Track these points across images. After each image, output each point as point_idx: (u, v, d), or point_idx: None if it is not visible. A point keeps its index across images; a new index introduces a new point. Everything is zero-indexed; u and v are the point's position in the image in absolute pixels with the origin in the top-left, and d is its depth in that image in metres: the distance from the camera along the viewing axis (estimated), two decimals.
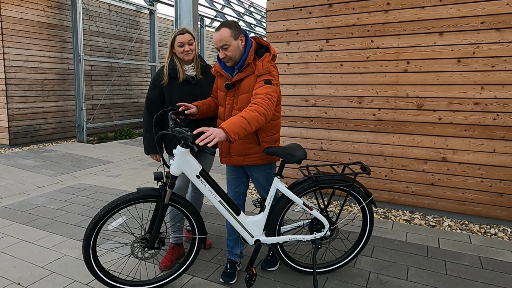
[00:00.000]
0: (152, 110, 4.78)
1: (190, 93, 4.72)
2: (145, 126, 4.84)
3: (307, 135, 7.53)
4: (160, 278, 4.33)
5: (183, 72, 4.68)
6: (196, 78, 4.76)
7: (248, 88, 4.07)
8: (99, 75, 15.87)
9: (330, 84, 7.18)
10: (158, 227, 4.05)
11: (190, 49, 4.65)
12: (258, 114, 3.69)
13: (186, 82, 4.71)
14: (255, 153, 4.25)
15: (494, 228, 6.17)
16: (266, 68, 4.02)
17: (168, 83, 4.69)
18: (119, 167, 10.43)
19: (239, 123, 3.58)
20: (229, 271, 4.61)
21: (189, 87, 4.73)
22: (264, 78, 3.99)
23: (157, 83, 4.74)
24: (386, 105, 6.73)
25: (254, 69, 4.04)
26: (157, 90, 4.74)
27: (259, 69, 4.02)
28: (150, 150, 4.87)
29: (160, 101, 4.77)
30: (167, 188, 3.98)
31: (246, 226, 4.24)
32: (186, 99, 4.67)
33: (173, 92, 4.70)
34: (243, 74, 4.08)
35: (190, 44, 4.66)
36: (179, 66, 4.68)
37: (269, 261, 4.92)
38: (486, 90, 6.02)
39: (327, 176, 4.29)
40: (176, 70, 4.68)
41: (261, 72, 4.00)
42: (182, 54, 4.66)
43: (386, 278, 4.65)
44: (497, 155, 6.09)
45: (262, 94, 3.84)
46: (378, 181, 7.05)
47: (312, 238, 4.46)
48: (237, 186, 4.57)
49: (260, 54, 4.15)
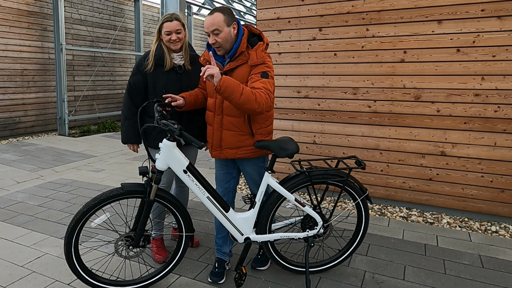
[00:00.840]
0: (133, 97, 4.74)
1: (175, 83, 4.66)
2: (124, 113, 4.79)
3: (299, 128, 7.51)
4: (146, 278, 4.31)
5: (170, 59, 4.62)
6: (183, 67, 4.70)
7: (241, 78, 4.04)
8: (81, 65, 15.78)
9: (324, 74, 7.16)
10: (143, 224, 4.02)
11: (177, 38, 4.59)
12: (254, 99, 3.71)
13: (172, 71, 4.66)
14: (248, 146, 4.22)
15: (495, 225, 6.17)
16: (260, 58, 4.02)
17: (153, 70, 4.63)
18: (103, 161, 10.39)
19: (235, 85, 3.65)
20: (218, 271, 4.60)
21: (175, 76, 4.67)
22: (260, 71, 3.99)
23: (141, 69, 4.68)
24: (382, 97, 6.72)
25: (248, 58, 4.02)
26: (140, 76, 4.68)
27: (253, 59, 4.01)
28: (128, 139, 4.83)
29: (143, 88, 4.71)
30: (152, 184, 3.95)
31: (236, 224, 4.23)
32: (171, 89, 4.62)
33: (157, 80, 4.64)
34: (236, 63, 4.05)
35: (178, 33, 4.59)
36: (166, 53, 4.62)
37: (260, 260, 4.90)
38: (486, 81, 6.01)
39: (320, 171, 4.27)
40: (163, 57, 4.62)
41: (256, 62, 4.00)
42: (168, 43, 4.60)
43: (382, 277, 4.64)
44: (498, 149, 6.08)
45: (260, 89, 3.83)
46: (373, 176, 7.04)
47: (305, 236, 4.45)
48: (226, 182, 4.54)
49: (253, 43, 4.13)
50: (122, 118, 4.82)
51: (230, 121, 4.15)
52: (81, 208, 3.85)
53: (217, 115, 4.20)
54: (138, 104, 4.71)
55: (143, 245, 4.11)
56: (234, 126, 4.15)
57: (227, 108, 4.13)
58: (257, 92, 3.75)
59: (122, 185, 3.93)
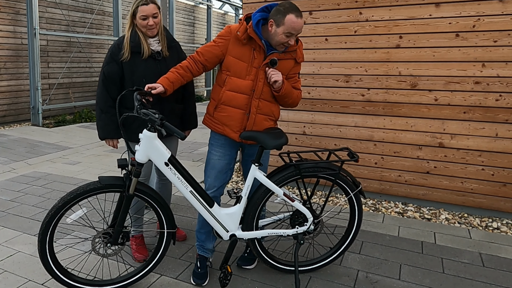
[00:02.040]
0: (109, 88, 4.66)
1: (154, 71, 4.61)
2: (100, 105, 4.71)
3: (288, 117, 7.50)
4: (125, 277, 4.30)
5: (147, 46, 4.58)
6: (162, 53, 4.67)
7: (285, 70, 4.29)
8: (56, 51, 15.65)
9: (314, 61, 7.15)
10: (122, 220, 4.01)
11: (154, 23, 4.55)
12: (297, 101, 4.47)
13: (150, 58, 4.62)
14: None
15: (496, 221, 6.19)
16: (302, 57, 4.43)
17: (130, 58, 4.58)
18: (79, 153, 10.35)
19: (291, 89, 4.31)
20: (201, 271, 4.56)
21: (153, 63, 4.63)
22: (299, 70, 4.48)
23: (116, 58, 4.60)
24: (376, 85, 6.71)
25: (296, 55, 4.31)
26: (115, 65, 4.60)
27: (300, 57, 4.36)
28: (106, 134, 4.77)
29: (119, 78, 4.64)
30: (132, 177, 3.93)
31: (220, 220, 4.23)
32: (150, 77, 4.56)
33: (135, 69, 4.59)
34: (284, 56, 4.24)
35: (155, 17, 4.56)
36: (143, 39, 4.58)
37: (246, 258, 4.90)
38: (487, 68, 6.00)
39: (310, 164, 4.27)
40: (139, 44, 4.57)
41: (302, 60, 4.42)
42: (145, 29, 4.56)
43: (376, 277, 4.64)
44: (499, 140, 6.08)
45: (300, 90, 4.51)
46: (367, 169, 7.04)
47: (294, 233, 4.45)
48: (225, 173, 4.51)
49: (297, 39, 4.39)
50: (98, 112, 4.75)
51: (267, 105, 4.30)
52: (56, 203, 3.82)
53: (255, 99, 4.21)
54: (114, 95, 4.64)
55: (122, 243, 4.10)
56: (269, 110, 4.34)
57: (266, 92, 4.25)
58: (299, 94, 4.47)
59: (99, 179, 3.91)
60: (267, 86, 4.19)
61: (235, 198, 4.37)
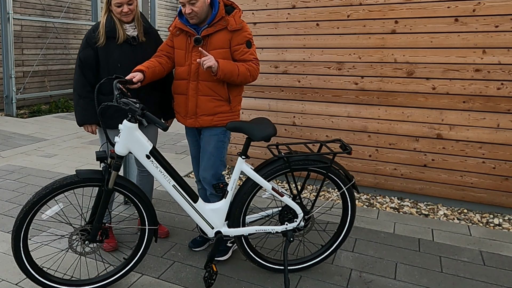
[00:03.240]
0: (86, 73, 4.78)
1: (130, 56, 4.76)
2: (77, 91, 4.84)
3: (277, 107, 7.49)
4: (104, 277, 4.30)
5: (123, 32, 4.72)
6: (137, 39, 4.81)
7: (221, 43, 4.38)
8: (31, 36, 15.57)
9: (304, 47, 7.13)
10: (100, 216, 4.02)
11: (129, 10, 4.67)
12: (249, 75, 4.41)
13: (126, 43, 4.77)
14: (225, 113, 4.51)
15: (498, 217, 6.20)
16: (239, 24, 4.46)
17: (105, 44, 4.72)
18: (55, 145, 10.31)
19: (231, 68, 4.27)
20: (199, 239, 4.98)
21: (129, 49, 4.77)
22: (244, 40, 4.47)
23: (92, 43, 4.74)
24: (371, 72, 6.69)
25: (227, 24, 4.39)
26: (91, 50, 4.75)
27: (232, 24, 4.41)
28: (84, 119, 4.87)
29: (95, 63, 4.78)
30: (111, 170, 3.93)
31: (205, 216, 4.24)
32: (125, 62, 4.71)
33: (110, 54, 4.73)
34: (214, 28, 4.37)
35: (130, 4, 4.68)
36: (118, 24, 4.71)
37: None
38: (488, 55, 5.99)
39: (300, 156, 4.28)
40: (115, 29, 4.70)
41: (235, 27, 4.41)
42: (120, 15, 4.68)
43: (371, 276, 4.65)
44: (501, 131, 6.08)
45: (251, 61, 4.47)
46: (361, 162, 7.04)
47: (283, 230, 4.46)
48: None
49: (229, 11, 4.48)
50: (76, 97, 4.86)
51: (207, 85, 4.43)
52: (31, 198, 3.83)
53: (192, 81, 4.43)
54: (91, 80, 4.77)
55: (100, 240, 4.11)
56: (211, 90, 4.43)
57: (203, 73, 4.36)
58: (250, 66, 4.41)
59: (77, 172, 3.92)
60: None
61: (221, 193, 4.37)
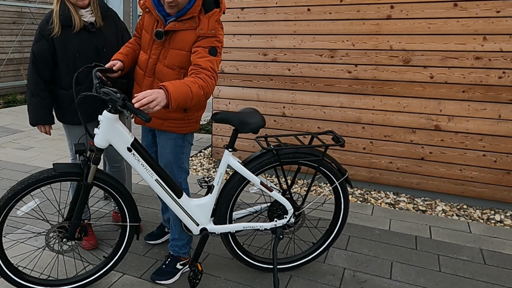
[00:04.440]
0: (39, 69, 4.67)
1: (89, 44, 4.68)
2: (30, 88, 4.75)
3: (266, 97, 7.48)
4: (83, 276, 4.29)
5: (79, 18, 4.60)
6: (96, 24, 4.71)
7: (184, 44, 4.01)
8: (5, 22, 15.50)
9: (295, 34, 7.11)
10: (79, 213, 3.99)
11: None
12: (202, 94, 3.72)
13: (83, 30, 4.66)
14: (177, 120, 4.23)
15: (499, 213, 6.22)
16: (212, 30, 3.95)
17: (61, 33, 4.59)
18: (31, 137, 10.29)
19: (185, 94, 3.58)
20: (155, 231, 5.10)
21: (87, 36, 4.68)
22: (209, 45, 3.95)
23: (45, 34, 4.61)
24: (365, 60, 6.69)
25: (197, 25, 3.95)
26: (45, 42, 4.62)
27: (203, 28, 3.94)
28: (37, 120, 4.80)
29: (50, 56, 4.65)
30: (90, 164, 3.90)
31: (190, 212, 4.21)
32: (86, 51, 4.64)
33: (67, 43, 4.62)
34: (181, 25, 3.98)
35: None
36: (73, 11, 4.59)
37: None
38: (489, 41, 5.99)
39: (290, 149, 4.26)
40: (69, 16, 4.58)
41: (205, 33, 3.94)
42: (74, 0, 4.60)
43: (365, 276, 4.66)
44: (503, 122, 6.08)
45: (207, 70, 3.82)
46: (354, 155, 7.04)
47: (272, 227, 4.45)
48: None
49: (208, 8, 4.04)
50: (28, 95, 4.78)
51: None
52: (5, 193, 3.81)
53: (147, 77, 4.21)
54: (46, 76, 4.69)
55: (79, 238, 4.09)
56: None
57: (160, 72, 4.12)
58: (204, 81, 3.73)
59: (54, 166, 3.89)
60: (162, 65, 4.10)
61: (206, 188, 4.36)
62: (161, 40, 4.04)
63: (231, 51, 7.54)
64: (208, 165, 8.31)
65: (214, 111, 4.45)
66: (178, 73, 4.05)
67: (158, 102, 3.37)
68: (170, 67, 4.04)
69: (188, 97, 3.59)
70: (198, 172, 7.93)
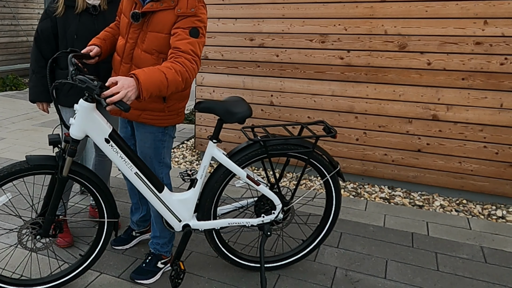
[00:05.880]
0: (41, 47, 4.82)
1: (90, 27, 4.70)
2: (32, 66, 4.90)
3: (253, 85, 7.48)
4: (57, 276, 4.27)
5: (82, 0, 4.63)
6: (99, 8, 4.74)
7: (162, 26, 3.95)
8: None
9: (283, 17, 7.10)
10: (54, 208, 3.98)
11: None
12: (181, 80, 3.66)
13: (85, 12, 4.70)
14: (156, 111, 4.17)
15: (501, 209, 6.23)
16: (191, 8, 3.89)
17: (64, 13, 4.67)
18: (2, 127, 10.31)
19: (158, 82, 3.53)
20: (122, 236, 5.05)
21: (89, 19, 4.72)
22: (190, 25, 3.87)
23: (50, 13, 4.72)
24: (358, 46, 6.68)
25: (176, 4, 3.89)
26: (49, 21, 4.74)
27: (182, 7, 3.88)
28: (36, 96, 4.93)
29: (53, 35, 4.79)
30: (66, 156, 3.87)
31: (172, 207, 4.21)
32: (84, 34, 4.63)
33: (68, 24, 4.69)
34: (159, 5, 3.93)
35: None
36: None
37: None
38: (490, 26, 5.99)
39: (279, 140, 4.26)
40: None
41: (184, 12, 3.87)
42: None
43: (358, 275, 4.67)
44: (505, 112, 6.09)
45: (188, 54, 3.75)
46: (347, 147, 7.05)
47: (260, 223, 4.45)
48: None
49: None
50: (30, 72, 4.93)
51: None
52: None
53: (124, 63, 4.16)
54: (48, 55, 4.72)
55: (54, 235, 4.08)
56: None
57: (138, 57, 4.07)
58: (181, 69, 3.66)
59: (27, 158, 3.87)
60: (140, 50, 4.05)
61: (189, 182, 4.35)
62: (138, 22, 3.99)
63: (216, 36, 7.52)
64: (191, 157, 8.31)
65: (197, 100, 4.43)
66: (157, 58, 3.98)
67: (128, 98, 3.34)
68: (148, 51, 3.98)
69: (163, 85, 3.53)
70: (180, 164, 7.93)
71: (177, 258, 4.31)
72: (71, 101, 4.31)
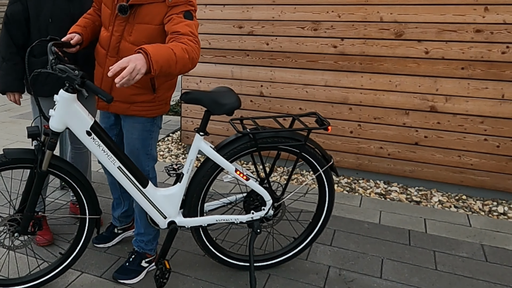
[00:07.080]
0: (12, 31, 4.74)
1: (65, 10, 4.67)
2: (1, 53, 4.81)
3: (242, 75, 7.49)
4: (36, 275, 4.27)
5: None
6: None
7: (151, 17, 3.96)
8: None
9: (274, 4, 7.10)
10: (32, 204, 3.98)
11: None
12: (187, 58, 3.62)
13: None
14: (145, 102, 4.19)
15: (502, 205, 6.25)
16: None
17: None
18: None
19: (167, 55, 3.50)
20: (104, 234, 5.06)
21: (64, 1, 4.67)
22: (183, 10, 3.91)
23: None
24: (352, 34, 6.69)
25: None
26: (20, 5, 4.66)
27: None
28: (7, 86, 4.86)
29: (24, 19, 4.71)
30: (45, 149, 3.87)
31: (156, 203, 4.21)
32: (59, 18, 4.63)
33: (41, 8, 4.63)
34: None
35: None
36: None
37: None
38: (491, 12, 6.01)
39: (269, 133, 4.27)
40: None
41: (176, 2, 3.89)
42: None
43: (352, 275, 4.69)
44: (506, 103, 6.10)
45: (188, 35, 3.74)
46: (340, 140, 7.06)
47: (249, 220, 4.47)
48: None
49: None
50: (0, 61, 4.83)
51: None
52: None
53: (110, 57, 4.14)
54: (18, 41, 4.74)
55: (32, 232, 4.08)
56: None
57: (125, 50, 4.04)
58: (187, 47, 3.64)
59: (4, 152, 3.87)
60: (127, 42, 4.04)
61: (174, 176, 4.36)
62: (126, 15, 3.98)
63: (202, 23, 7.48)
64: (176, 150, 8.32)
65: (183, 90, 4.41)
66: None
67: (138, 70, 3.29)
68: (137, 43, 3.93)
69: (172, 60, 3.49)
70: (165, 158, 7.95)
71: (162, 257, 4.31)
72: (49, 90, 4.33)
